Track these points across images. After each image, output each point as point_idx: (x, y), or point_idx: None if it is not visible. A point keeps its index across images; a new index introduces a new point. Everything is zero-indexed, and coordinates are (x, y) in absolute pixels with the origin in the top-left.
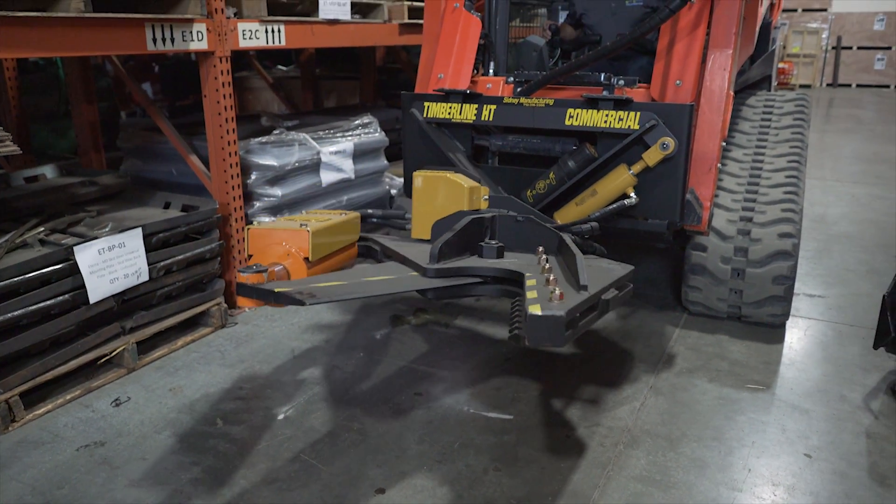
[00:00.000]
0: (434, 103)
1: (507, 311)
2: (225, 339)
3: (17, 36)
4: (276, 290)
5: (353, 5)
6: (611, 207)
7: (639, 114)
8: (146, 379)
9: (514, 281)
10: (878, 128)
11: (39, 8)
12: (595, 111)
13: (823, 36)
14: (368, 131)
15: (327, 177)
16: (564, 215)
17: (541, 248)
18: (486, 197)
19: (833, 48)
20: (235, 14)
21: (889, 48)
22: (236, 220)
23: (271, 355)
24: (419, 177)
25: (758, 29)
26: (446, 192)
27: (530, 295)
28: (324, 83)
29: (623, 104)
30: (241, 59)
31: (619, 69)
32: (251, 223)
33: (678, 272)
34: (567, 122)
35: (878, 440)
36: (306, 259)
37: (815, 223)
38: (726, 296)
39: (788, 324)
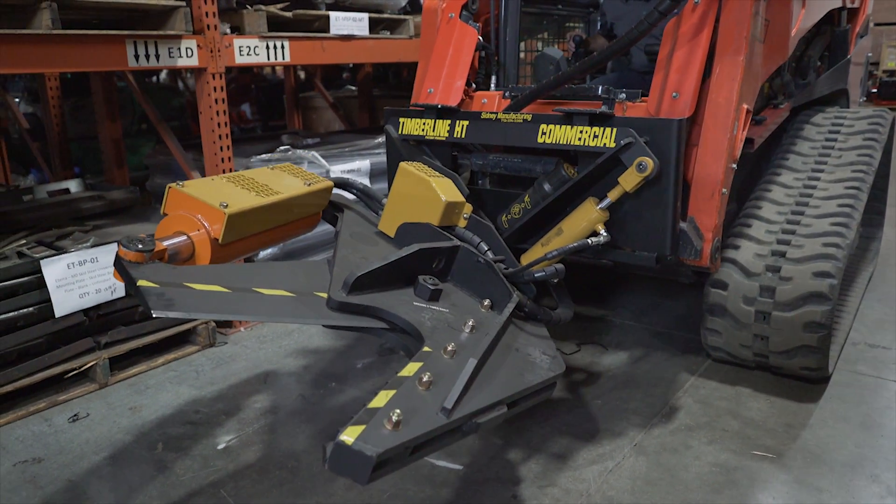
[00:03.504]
0: (409, 119)
1: None
2: (207, 359)
3: None
4: (138, 281)
5: (379, 21)
6: (572, 246)
7: (615, 130)
8: (114, 395)
9: (417, 341)
10: None
11: (21, 25)
12: (569, 127)
13: None
14: None
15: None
16: (530, 257)
17: (487, 302)
18: (468, 215)
19: None
20: (233, 30)
21: None
22: None
23: (244, 379)
24: (408, 168)
25: (794, 33)
26: (423, 198)
27: (374, 401)
28: (380, 101)
29: (599, 119)
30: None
31: (647, 84)
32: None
33: None
34: (539, 140)
35: None
36: (215, 240)
37: None
38: (750, 342)
39: (835, 378)
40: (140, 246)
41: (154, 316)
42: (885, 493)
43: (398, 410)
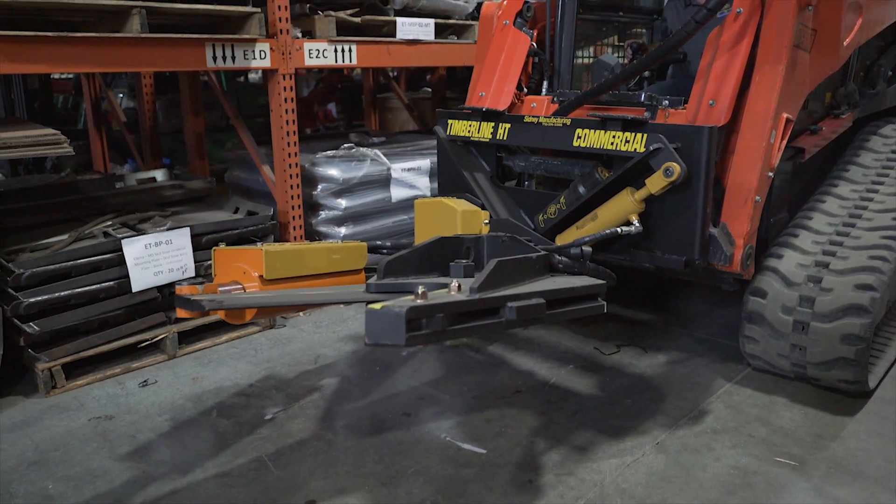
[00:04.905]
0: (457, 121)
1: (548, 343)
2: (266, 339)
3: (85, 53)
4: (190, 298)
5: (446, 26)
6: (603, 233)
7: (645, 136)
8: (180, 366)
9: None
10: None
11: (114, 29)
12: (603, 132)
13: None
14: None
15: (398, 193)
16: (564, 239)
17: None
18: (487, 221)
19: None
20: (304, 34)
21: None
22: (295, 227)
23: (297, 359)
24: (420, 201)
25: (848, 42)
26: (441, 217)
27: (403, 300)
28: (452, 103)
29: (632, 125)
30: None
31: None
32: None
33: None
34: (575, 143)
35: None
36: (261, 277)
37: None
38: (787, 352)
39: (878, 394)
40: (190, 281)
41: (207, 308)
42: None
43: (426, 291)
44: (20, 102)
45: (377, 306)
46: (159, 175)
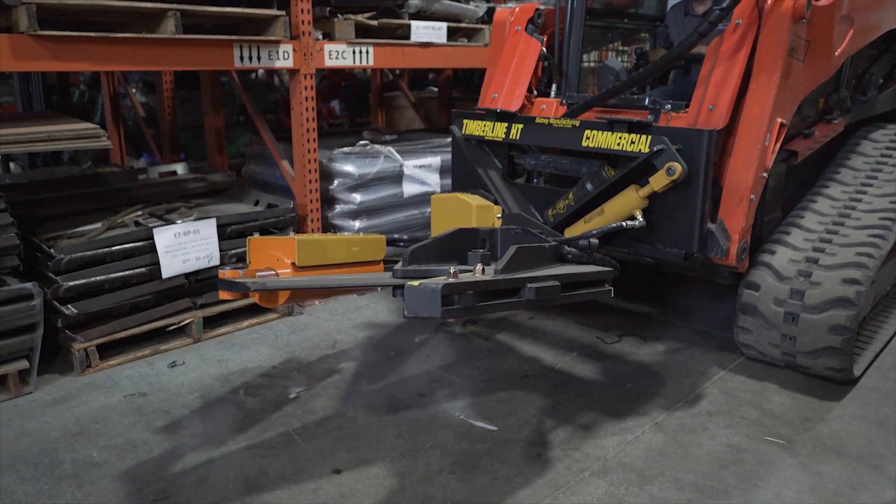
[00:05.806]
0: (472, 121)
1: (553, 333)
2: (285, 326)
3: (122, 53)
4: (233, 280)
5: (457, 30)
6: (610, 226)
7: (650, 137)
8: (205, 349)
9: None
10: None
11: (149, 30)
12: (610, 133)
13: None
14: None
15: (410, 189)
16: (572, 232)
17: None
18: (499, 215)
19: None
20: (325, 36)
21: None
22: (313, 220)
23: (315, 344)
24: (437, 195)
25: (840, 52)
26: (456, 210)
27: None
28: (458, 103)
29: (637, 127)
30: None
31: None
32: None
33: None
34: (584, 144)
35: None
36: (293, 264)
37: None
38: (778, 341)
39: (863, 382)
40: (232, 266)
41: (252, 289)
42: (884, 481)
43: (457, 270)
44: (38, 96)
45: (415, 283)
46: (179, 168)
